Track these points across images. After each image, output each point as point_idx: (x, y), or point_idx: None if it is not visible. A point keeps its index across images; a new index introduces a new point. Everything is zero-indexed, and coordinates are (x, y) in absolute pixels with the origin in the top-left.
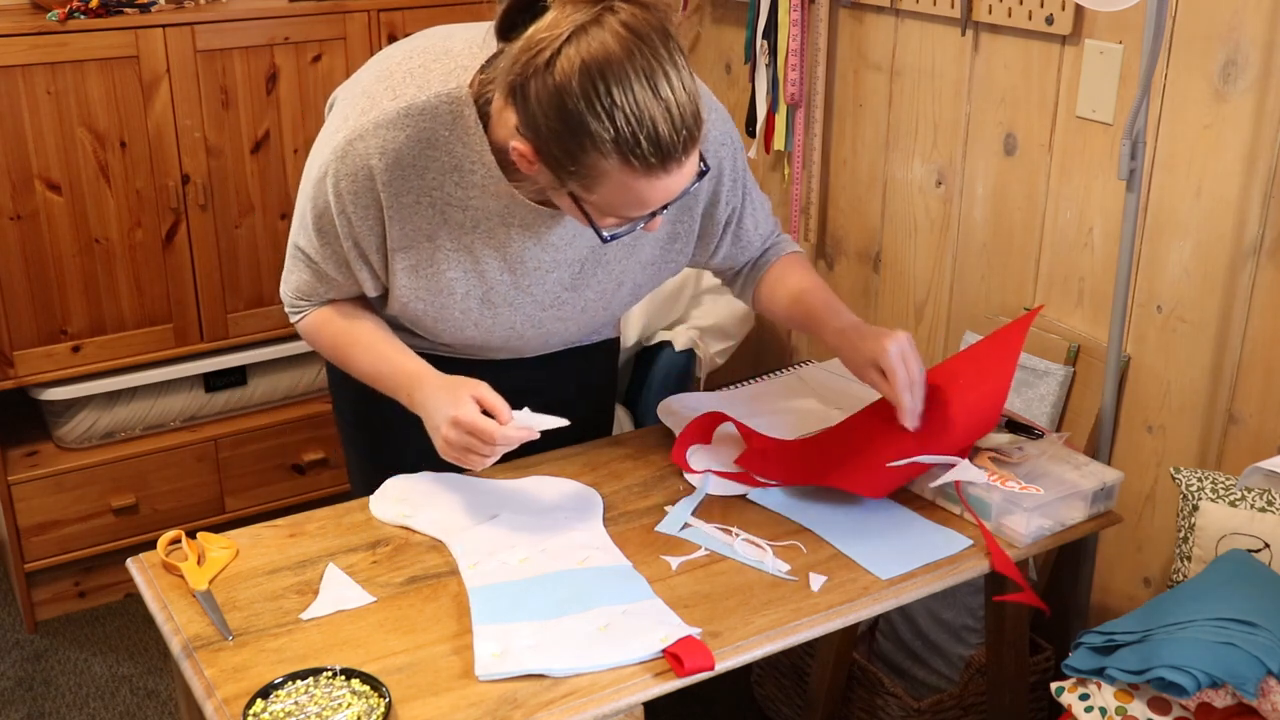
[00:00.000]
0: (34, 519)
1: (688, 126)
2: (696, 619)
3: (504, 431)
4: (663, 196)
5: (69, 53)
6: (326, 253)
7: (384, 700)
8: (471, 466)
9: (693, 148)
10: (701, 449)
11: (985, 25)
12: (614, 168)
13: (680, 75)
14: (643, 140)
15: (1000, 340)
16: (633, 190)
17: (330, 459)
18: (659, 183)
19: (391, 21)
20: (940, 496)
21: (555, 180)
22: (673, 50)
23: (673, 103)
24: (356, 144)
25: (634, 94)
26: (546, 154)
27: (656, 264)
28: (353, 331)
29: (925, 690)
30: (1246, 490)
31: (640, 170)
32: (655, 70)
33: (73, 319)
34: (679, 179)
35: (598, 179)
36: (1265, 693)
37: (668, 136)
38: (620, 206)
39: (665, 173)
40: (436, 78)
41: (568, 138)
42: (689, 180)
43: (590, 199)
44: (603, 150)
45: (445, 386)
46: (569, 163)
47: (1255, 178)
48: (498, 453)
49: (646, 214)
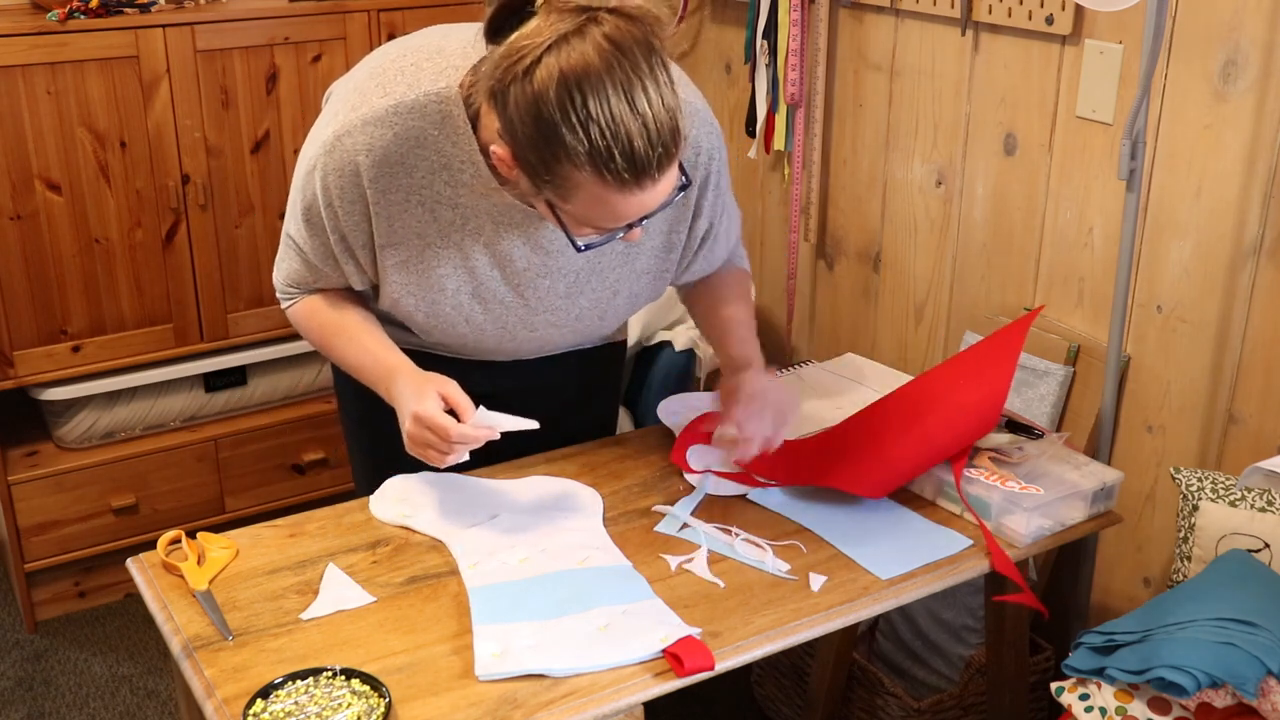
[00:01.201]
0: (34, 519)
1: (664, 143)
2: (696, 619)
3: (460, 429)
4: (637, 211)
5: (69, 53)
6: (314, 244)
7: (384, 700)
8: (433, 463)
9: (668, 164)
10: (701, 449)
11: (985, 25)
12: (587, 180)
13: (660, 90)
14: (617, 154)
15: (999, 341)
16: (606, 203)
17: (330, 459)
18: (633, 197)
19: (391, 21)
20: (940, 496)
21: (532, 187)
22: (654, 65)
23: (650, 117)
24: (344, 140)
25: (610, 107)
26: (523, 161)
27: (653, 274)
28: (339, 322)
29: (925, 690)
30: (1246, 490)
31: (614, 184)
32: (634, 84)
33: (73, 319)
34: (653, 195)
35: (572, 190)
36: (1265, 693)
37: (643, 151)
38: (594, 218)
39: (639, 188)
40: (427, 77)
41: (543, 147)
42: (665, 195)
43: (565, 208)
44: (576, 162)
45: (414, 381)
46: (544, 171)
47: (1255, 178)
48: (458, 450)
49: (623, 226)
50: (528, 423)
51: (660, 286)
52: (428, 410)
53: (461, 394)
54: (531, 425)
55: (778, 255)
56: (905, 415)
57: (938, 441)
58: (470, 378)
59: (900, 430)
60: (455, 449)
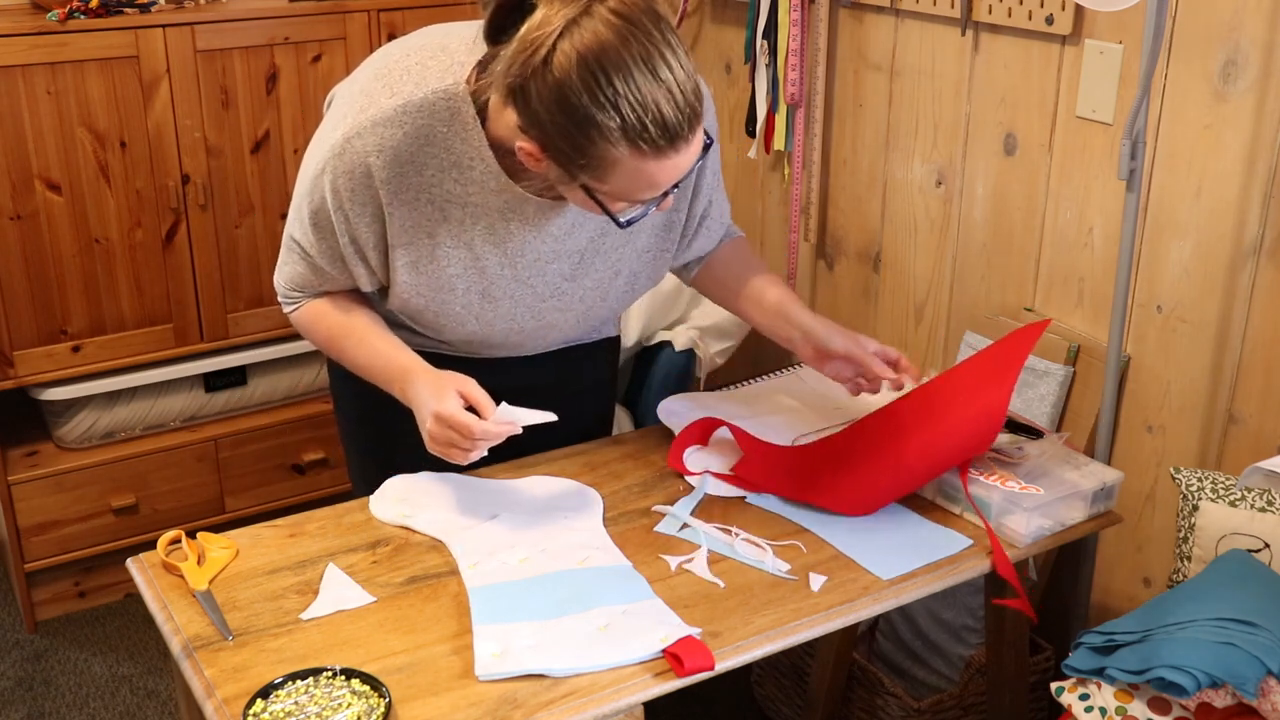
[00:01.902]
0: (34, 519)
1: (690, 104)
2: (696, 619)
3: (484, 426)
4: (673, 175)
5: (69, 53)
6: (322, 247)
7: (384, 700)
8: (456, 461)
9: (697, 124)
10: (699, 451)
11: (985, 25)
12: (624, 155)
13: (677, 55)
14: (649, 125)
15: (1002, 354)
16: (644, 174)
17: (330, 459)
18: (669, 163)
19: (391, 21)
20: (940, 496)
21: (565, 175)
22: (665, 31)
23: (673, 83)
24: (354, 141)
25: (635, 81)
26: (554, 150)
27: (653, 252)
28: (347, 324)
29: (925, 690)
30: (1246, 490)
31: (650, 154)
32: (652, 54)
33: (73, 319)
34: (687, 156)
35: (609, 168)
36: (1265, 693)
37: (673, 117)
38: (633, 191)
39: (675, 152)
40: (434, 75)
41: (575, 132)
42: (696, 155)
43: (603, 189)
44: (611, 140)
45: (432, 381)
46: (578, 156)
47: (1255, 178)
48: (481, 447)
49: (659, 195)
50: (548, 415)
51: (660, 268)
52: (449, 409)
53: (480, 391)
54: (551, 418)
55: (777, 255)
56: (904, 428)
57: (935, 457)
58: (471, 375)
59: (897, 445)
60: (478, 446)
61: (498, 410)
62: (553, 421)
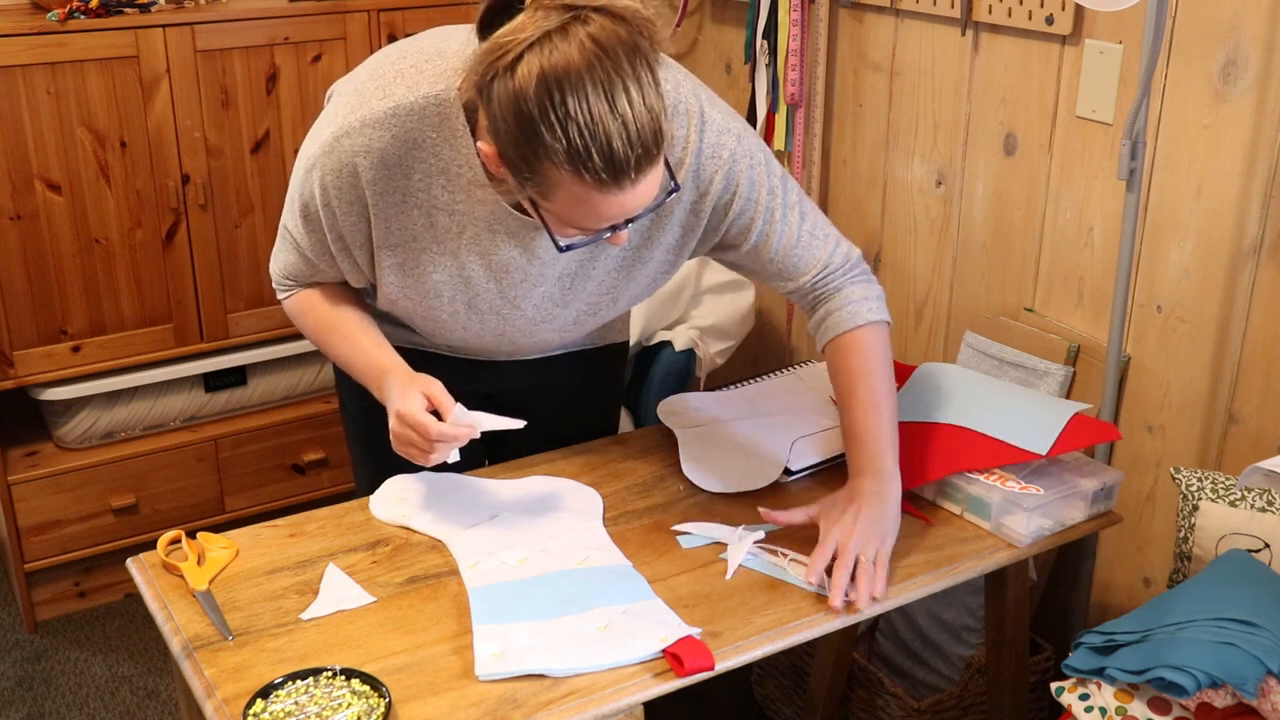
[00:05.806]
0: (34, 519)
1: (644, 144)
2: (696, 619)
3: (440, 428)
4: (618, 212)
5: (69, 53)
6: (311, 240)
7: (384, 700)
8: (417, 461)
9: (648, 165)
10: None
11: (985, 25)
12: (566, 179)
13: (643, 91)
14: (595, 154)
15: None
16: (586, 203)
17: (330, 459)
18: (612, 198)
19: (391, 21)
20: (940, 496)
21: (515, 184)
22: (638, 66)
23: (630, 118)
24: (343, 141)
25: (589, 106)
26: (506, 157)
27: (654, 277)
28: (334, 319)
29: (925, 690)
30: (1246, 490)
31: (593, 184)
32: (615, 83)
33: (73, 319)
34: (634, 196)
35: (552, 188)
36: (1265, 693)
37: (621, 152)
38: (575, 218)
39: (618, 188)
40: (426, 79)
41: (523, 144)
42: (650, 198)
43: (547, 207)
44: (555, 160)
45: (403, 382)
46: (525, 169)
47: (1255, 178)
48: (440, 449)
49: (606, 227)
50: (512, 422)
51: (663, 282)
52: (409, 408)
53: (445, 393)
54: (516, 424)
55: None
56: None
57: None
58: (473, 377)
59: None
60: (436, 447)
61: (455, 412)
62: (521, 428)
